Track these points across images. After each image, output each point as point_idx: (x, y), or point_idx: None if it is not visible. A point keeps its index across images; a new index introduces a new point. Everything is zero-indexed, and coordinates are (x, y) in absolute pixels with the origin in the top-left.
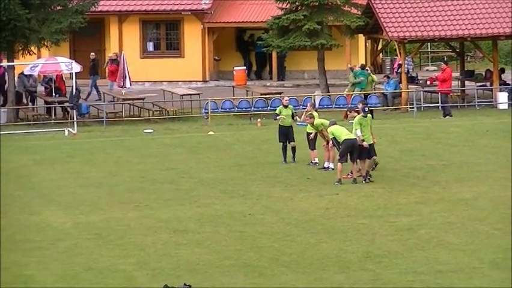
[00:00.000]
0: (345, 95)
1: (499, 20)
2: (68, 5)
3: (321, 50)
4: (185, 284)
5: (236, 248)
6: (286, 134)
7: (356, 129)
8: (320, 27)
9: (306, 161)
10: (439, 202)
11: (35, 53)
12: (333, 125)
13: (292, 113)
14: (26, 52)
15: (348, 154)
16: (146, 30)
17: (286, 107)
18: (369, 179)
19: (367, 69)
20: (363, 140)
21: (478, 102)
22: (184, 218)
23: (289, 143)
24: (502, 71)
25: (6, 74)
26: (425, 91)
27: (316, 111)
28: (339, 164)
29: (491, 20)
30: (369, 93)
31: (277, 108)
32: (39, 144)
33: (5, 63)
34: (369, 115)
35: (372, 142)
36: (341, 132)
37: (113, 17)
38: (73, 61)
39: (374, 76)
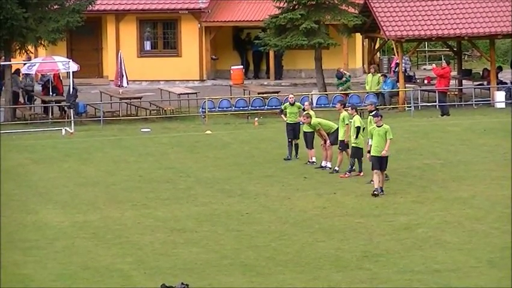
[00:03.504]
0: (341, 94)
1: (496, 19)
2: (65, 4)
3: (319, 49)
4: (182, 283)
5: (233, 247)
6: (293, 130)
7: (369, 139)
8: (317, 26)
9: (303, 160)
10: (436, 201)
11: (31, 52)
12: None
13: (302, 109)
14: (23, 51)
15: (357, 160)
16: (144, 29)
17: (292, 104)
18: (381, 191)
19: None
20: (369, 152)
21: (475, 101)
22: (182, 217)
23: (294, 139)
24: (500, 69)
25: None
26: (423, 90)
27: (312, 110)
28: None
29: (488, 19)
30: (368, 92)
31: (284, 105)
32: (37, 143)
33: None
34: (385, 125)
35: (381, 155)
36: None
37: (110, 16)
38: (70, 60)
39: (378, 75)
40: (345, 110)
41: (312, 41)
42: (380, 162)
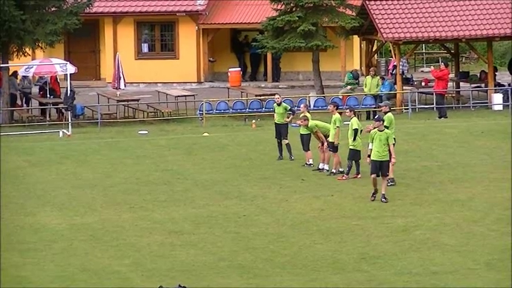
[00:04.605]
0: (340, 96)
1: (494, 21)
2: (63, 6)
3: (316, 51)
4: (180, 285)
5: (231, 249)
6: (279, 132)
7: (369, 142)
8: (314, 29)
9: (300, 162)
10: (434, 203)
11: (29, 54)
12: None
13: (288, 110)
14: (21, 53)
15: (354, 162)
16: (141, 31)
17: (279, 104)
18: (384, 198)
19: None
20: (369, 156)
21: (472, 103)
22: (179, 219)
23: (282, 140)
24: (495, 69)
25: None
26: (420, 92)
27: (308, 112)
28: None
29: (486, 21)
30: (367, 94)
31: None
32: (34, 145)
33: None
34: (387, 130)
35: (387, 159)
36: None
37: (108, 18)
38: (68, 62)
39: (377, 78)
40: (340, 112)
41: (309, 43)
42: (380, 167)
